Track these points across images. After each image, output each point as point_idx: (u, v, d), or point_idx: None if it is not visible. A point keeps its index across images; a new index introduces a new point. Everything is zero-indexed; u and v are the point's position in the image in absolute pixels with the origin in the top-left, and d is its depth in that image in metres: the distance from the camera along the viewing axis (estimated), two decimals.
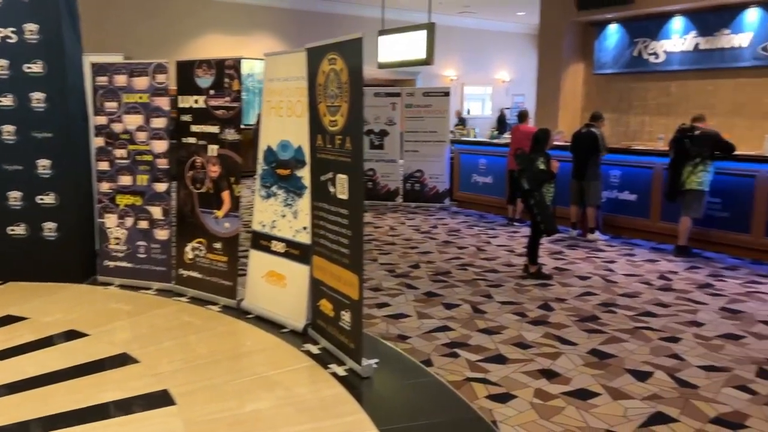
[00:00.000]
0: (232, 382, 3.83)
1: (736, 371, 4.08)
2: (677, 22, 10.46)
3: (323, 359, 4.16)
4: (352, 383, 3.81)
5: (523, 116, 9.54)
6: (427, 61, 12.24)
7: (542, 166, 6.16)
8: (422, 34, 11.99)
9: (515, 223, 9.30)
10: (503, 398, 3.67)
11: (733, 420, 3.43)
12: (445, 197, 11.03)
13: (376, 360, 4.05)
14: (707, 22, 10.08)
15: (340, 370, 3.96)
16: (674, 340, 4.64)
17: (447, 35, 16.56)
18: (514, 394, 3.73)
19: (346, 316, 4.02)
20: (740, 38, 9.70)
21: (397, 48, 12.79)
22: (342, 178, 3.98)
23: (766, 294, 5.83)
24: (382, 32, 13.20)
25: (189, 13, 14.51)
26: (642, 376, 4.00)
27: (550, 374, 4.01)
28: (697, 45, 10.25)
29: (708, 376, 4.00)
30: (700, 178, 7.04)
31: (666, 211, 7.72)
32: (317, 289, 4.41)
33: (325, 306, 4.29)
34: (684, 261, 7.10)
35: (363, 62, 3.70)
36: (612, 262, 7.08)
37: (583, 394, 3.73)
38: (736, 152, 7.26)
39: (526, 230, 8.78)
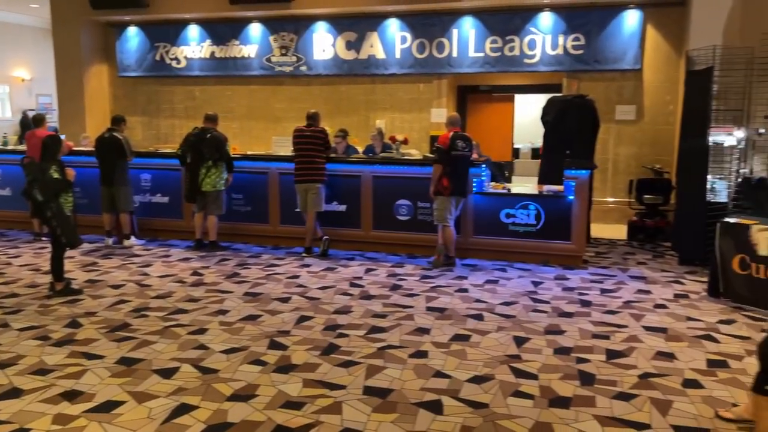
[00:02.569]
0: None
1: (252, 348, 4.59)
2: (193, 30, 11.06)
3: None
4: None
5: (39, 120, 8.66)
6: None
7: (56, 175, 5.72)
8: None
9: (44, 238, 8.44)
10: None
11: (245, 393, 3.85)
12: None
13: None
14: (219, 32, 10.95)
15: None
16: (202, 331, 4.95)
17: None
18: (28, 427, 3.39)
19: None
20: (248, 49, 10.87)
21: None
22: None
23: (281, 274, 6.74)
24: None
25: None
26: (168, 373, 4.13)
27: (72, 395, 3.79)
28: (213, 53, 11.04)
29: (228, 359, 4.39)
30: (214, 179, 7.62)
31: None
32: None
33: None
34: (215, 255, 7.62)
35: None
36: (148, 266, 7.10)
37: (107, 407, 3.64)
38: (252, 153, 8.15)
39: None
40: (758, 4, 7.66)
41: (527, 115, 13.29)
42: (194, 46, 11.14)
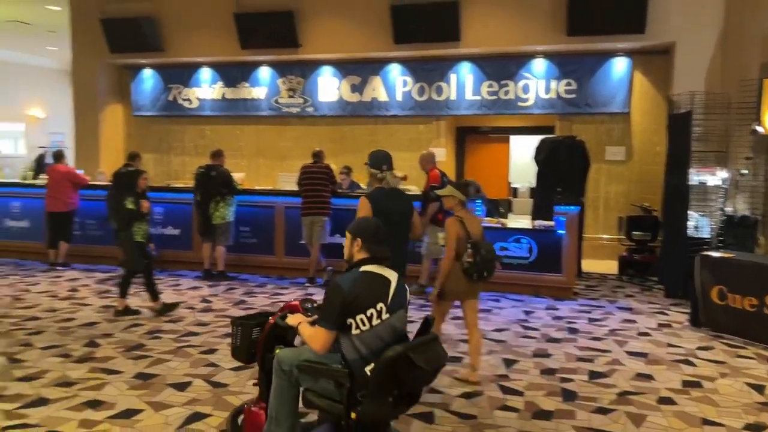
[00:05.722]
0: None
1: None
2: (206, 73, 11.64)
3: None
4: None
5: (58, 156, 9.18)
6: None
7: (130, 206, 6.27)
8: None
9: (58, 268, 8.82)
10: None
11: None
12: None
13: None
14: (230, 75, 11.53)
15: None
16: (212, 351, 5.29)
17: None
18: (58, 429, 3.74)
19: None
20: (258, 91, 11.43)
21: None
22: None
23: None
24: None
25: None
26: (182, 387, 4.48)
27: (95, 404, 4.13)
28: (224, 94, 11.60)
29: (237, 375, 4.73)
30: (223, 212, 8.06)
31: None
32: None
33: None
34: (223, 284, 7.98)
35: None
36: (159, 294, 7.45)
37: (127, 414, 3.98)
38: (259, 187, 8.58)
39: (71, 273, 8.53)
40: (736, 53, 8.20)
41: (523, 156, 13.78)
42: (206, 88, 11.70)
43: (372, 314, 2.93)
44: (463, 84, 10.46)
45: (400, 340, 2.99)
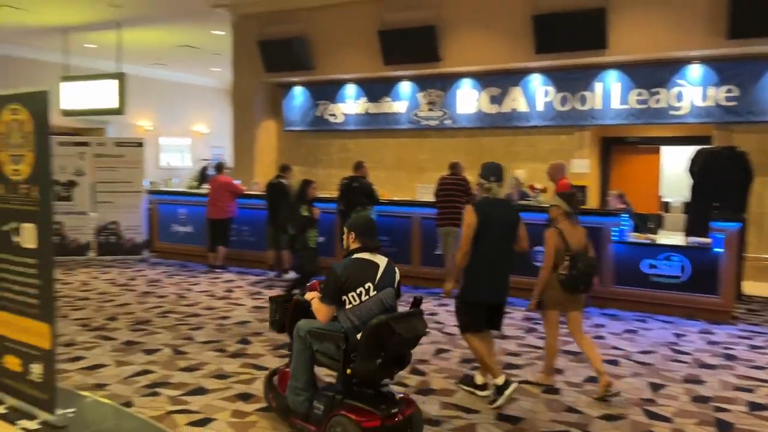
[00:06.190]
0: None
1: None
2: (350, 89, 12.17)
3: (10, 418, 3.97)
4: None
5: (220, 168, 10.06)
6: (119, 111, 12.06)
7: (305, 213, 6.85)
8: (113, 84, 11.80)
9: (217, 270, 9.63)
10: (203, 422, 4.02)
11: None
12: (144, 248, 10.85)
13: (72, 409, 4.02)
14: (373, 90, 11.96)
15: (32, 425, 3.86)
16: None
17: (140, 85, 16.26)
18: (214, 417, 4.10)
19: (36, 369, 3.93)
20: (398, 105, 11.74)
21: (85, 96, 12.34)
22: (28, 228, 3.94)
23: None
24: (67, 78, 12.58)
25: None
26: None
27: (246, 396, 4.48)
28: (367, 109, 12.05)
29: None
30: None
31: None
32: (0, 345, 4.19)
33: (11, 362, 4.10)
34: None
35: (49, 114, 3.81)
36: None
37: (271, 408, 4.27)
38: (397, 198, 8.83)
39: (228, 276, 9.26)
40: None
41: (676, 168, 12.85)
42: (351, 103, 12.22)
43: (361, 292, 3.52)
44: (609, 92, 10.01)
45: (388, 313, 3.53)
